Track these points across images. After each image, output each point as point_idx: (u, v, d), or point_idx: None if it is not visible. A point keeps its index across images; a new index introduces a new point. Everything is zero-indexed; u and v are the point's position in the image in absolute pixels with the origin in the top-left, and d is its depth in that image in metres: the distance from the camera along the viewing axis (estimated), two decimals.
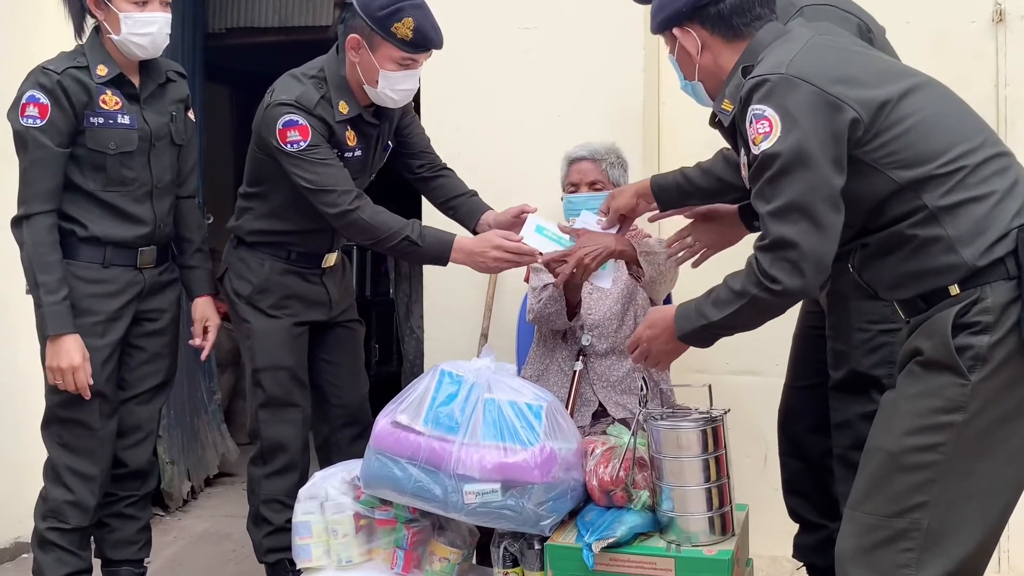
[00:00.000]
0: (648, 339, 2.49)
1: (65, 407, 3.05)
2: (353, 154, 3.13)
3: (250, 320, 3.22)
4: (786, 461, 3.08)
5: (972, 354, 2.03)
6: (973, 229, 2.06)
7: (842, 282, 2.72)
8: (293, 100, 3.01)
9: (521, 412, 2.72)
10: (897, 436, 2.10)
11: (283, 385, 3.21)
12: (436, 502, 2.71)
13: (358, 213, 3.00)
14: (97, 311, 3.04)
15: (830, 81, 2.10)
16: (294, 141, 2.98)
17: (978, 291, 2.05)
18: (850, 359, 2.75)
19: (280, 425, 3.23)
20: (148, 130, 3.10)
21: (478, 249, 3.02)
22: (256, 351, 3.22)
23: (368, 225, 3.01)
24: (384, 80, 3.01)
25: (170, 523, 4.48)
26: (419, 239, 3.02)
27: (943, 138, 2.11)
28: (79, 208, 3.04)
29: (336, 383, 3.37)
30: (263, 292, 3.21)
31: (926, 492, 2.06)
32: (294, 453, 3.24)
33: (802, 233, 2.08)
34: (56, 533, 3.09)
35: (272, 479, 3.24)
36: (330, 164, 3.02)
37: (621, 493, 2.70)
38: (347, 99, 3.08)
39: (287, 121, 2.99)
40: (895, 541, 2.08)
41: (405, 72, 3.02)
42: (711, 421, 2.64)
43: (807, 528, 3.07)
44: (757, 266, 2.15)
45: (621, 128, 3.56)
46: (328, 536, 2.88)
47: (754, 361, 3.67)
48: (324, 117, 3.04)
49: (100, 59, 3.03)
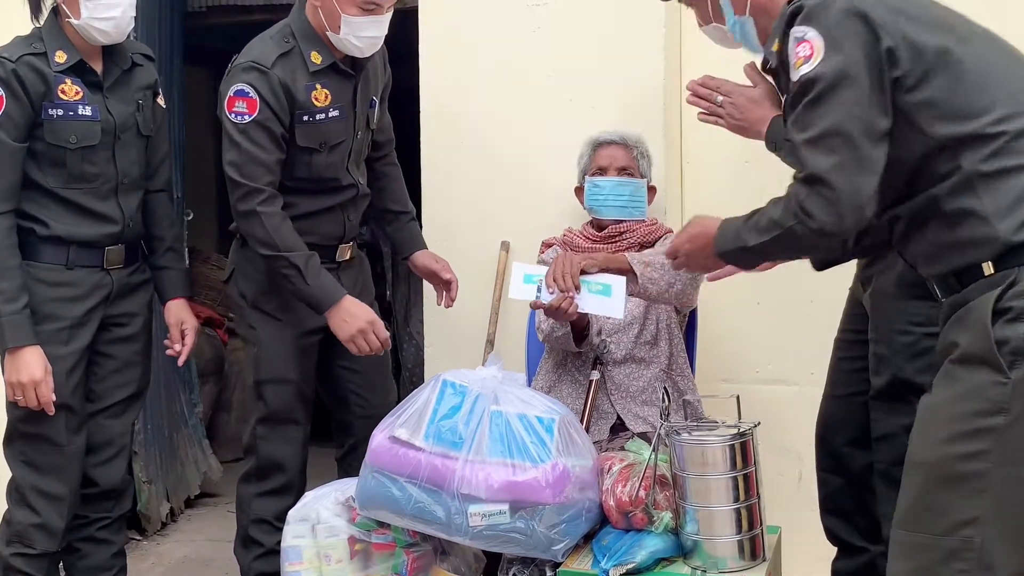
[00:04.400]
0: (687, 252, 2.55)
1: (28, 422, 3.04)
2: (327, 115, 3.14)
3: (256, 327, 3.24)
4: (824, 478, 3.07)
5: (1011, 348, 2.00)
6: (1013, 201, 2.04)
7: (885, 280, 2.72)
8: (250, 61, 3.07)
9: (531, 426, 2.71)
10: (937, 445, 2.08)
11: (286, 400, 3.23)
12: (438, 524, 2.71)
13: (261, 217, 3.05)
14: (60, 316, 3.04)
15: (886, 10, 2.11)
16: (239, 112, 3.04)
17: (1014, 272, 2.03)
18: (892, 364, 2.74)
19: (279, 442, 3.24)
20: (112, 121, 3.09)
21: (353, 311, 3.08)
22: (261, 362, 3.24)
23: (265, 234, 3.05)
24: (347, 26, 3.05)
25: (147, 548, 4.47)
26: (307, 275, 3.05)
27: (993, 94, 2.10)
28: (38, 206, 3.03)
29: (360, 392, 3.37)
30: (268, 293, 3.22)
31: (976, 506, 2.03)
32: (291, 474, 3.25)
33: (839, 167, 2.08)
34: (22, 559, 3.08)
35: (264, 499, 3.25)
36: (262, 149, 3.05)
37: (641, 515, 2.69)
38: (318, 48, 3.13)
39: (238, 90, 3.05)
40: (948, 562, 2.05)
41: (368, 17, 3.06)
42: (740, 435, 2.63)
43: (847, 552, 3.06)
44: (795, 198, 2.16)
45: (640, 113, 3.55)
46: (320, 562, 2.88)
47: (787, 369, 3.65)
48: (283, 79, 3.06)
49: (58, 45, 3.02)
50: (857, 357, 2.91)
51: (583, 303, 2.99)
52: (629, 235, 3.28)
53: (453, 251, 3.71)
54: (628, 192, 3.30)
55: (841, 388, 3.01)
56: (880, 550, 2.91)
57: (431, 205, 3.79)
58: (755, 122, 2.78)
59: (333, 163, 3.20)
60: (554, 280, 3.00)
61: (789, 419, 3.52)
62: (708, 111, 2.86)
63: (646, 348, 3.22)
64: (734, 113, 2.81)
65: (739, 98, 2.81)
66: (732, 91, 2.82)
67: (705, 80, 2.87)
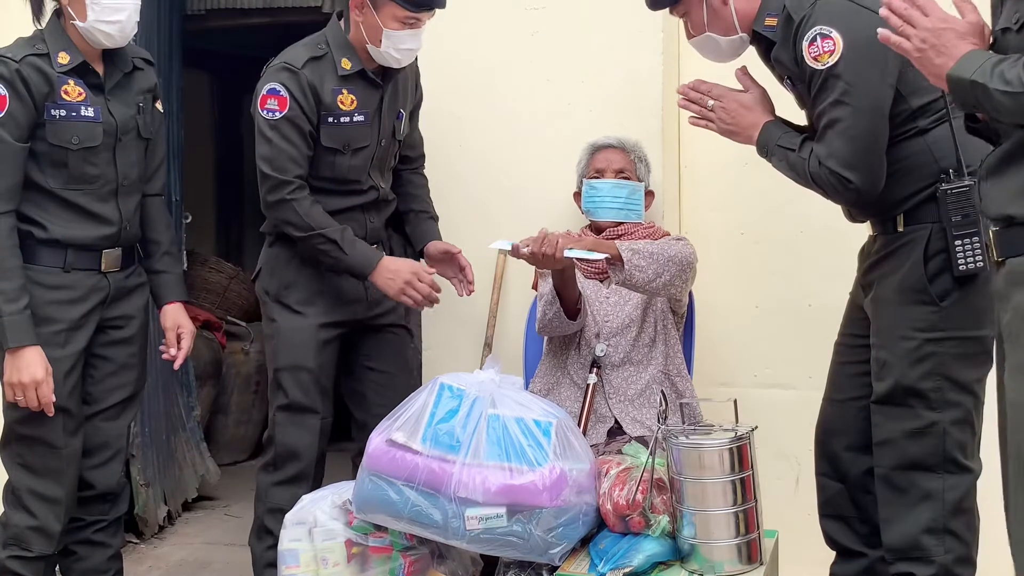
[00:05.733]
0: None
1: (25, 424, 3.04)
2: (352, 119, 3.24)
3: (276, 319, 3.31)
4: (823, 482, 3.06)
5: None
6: None
7: (887, 286, 2.72)
8: (282, 63, 3.21)
9: (528, 429, 2.71)
10: None
11: (304, 388, 3.27)
12: (435, 528, 2.71)
13: (293, 204, 3.19)
14: (58, 319, 3.04)
15: None
16: (271, 109, 3.18)
17: None
18: (894, 370, 2.73)
19: (297, 431, 3.28)
20: (113, 123, 3.10)
21: (394, 268, 3.21)
22: (279, 350, 3.30)
23: (298, 218, 3.19)
24: (387, 40, 3.15)
25: (144, 551, 4.46)
26: (344, 246, 3.20)
27: None
28: (37, 208, 3.03)
29: (382, 391, 3.40)
30: (290, 287, 3.30)
31: None
32: (307, 463, 3.29)
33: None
34: (18, 562, 3.08)
35: (281, 487, 3.28)
36: (292, 144, 3.18)
37: (638, 518, 2.69)
38: (349, 56, 3.24)
39: (270, 89, 3.19)
40: None
41: (408, 31, 3.16)
42: (737, 439, 2.63)
43: (845, 556, 3.05)
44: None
45: (638, 118, 3.55)
46: (317, 565, 2.87)
47: (784, 373, 3.65)
48: (312, 80, 3.18)
49: (61, 46, 3.03)
50: (858, 362, 2.91)
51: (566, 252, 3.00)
52: (627, 237, 3.28)
53: None
54: (625, 194, 3.31)
55: (841, 392, 3.01)
56: (878, 555, 2.92)
57: None
58: (746, 127, 2.81)
59: (356, 166, 3.28)
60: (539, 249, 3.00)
61: (787, 423, 3.52)
62: (699, 115, 2.87)
63: (644, 350, 3.23)
64: (725, 117, 2.84)
65: (730, 103, 2.83)
66: (723, 95, 2.84)
67: (696, 84, 2.88)
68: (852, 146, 2.62)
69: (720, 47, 2.87)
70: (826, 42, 2.61)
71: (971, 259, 2.60)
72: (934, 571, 2.70)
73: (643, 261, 3.06)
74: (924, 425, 2.69)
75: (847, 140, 2.62)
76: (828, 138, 2.66)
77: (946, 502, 2.71)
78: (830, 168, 2.64)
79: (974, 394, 2.72)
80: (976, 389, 2.73)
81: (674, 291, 3.17)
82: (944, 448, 2.69)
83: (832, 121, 2.64)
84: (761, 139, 2.80)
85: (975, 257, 2.60)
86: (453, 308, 3.67)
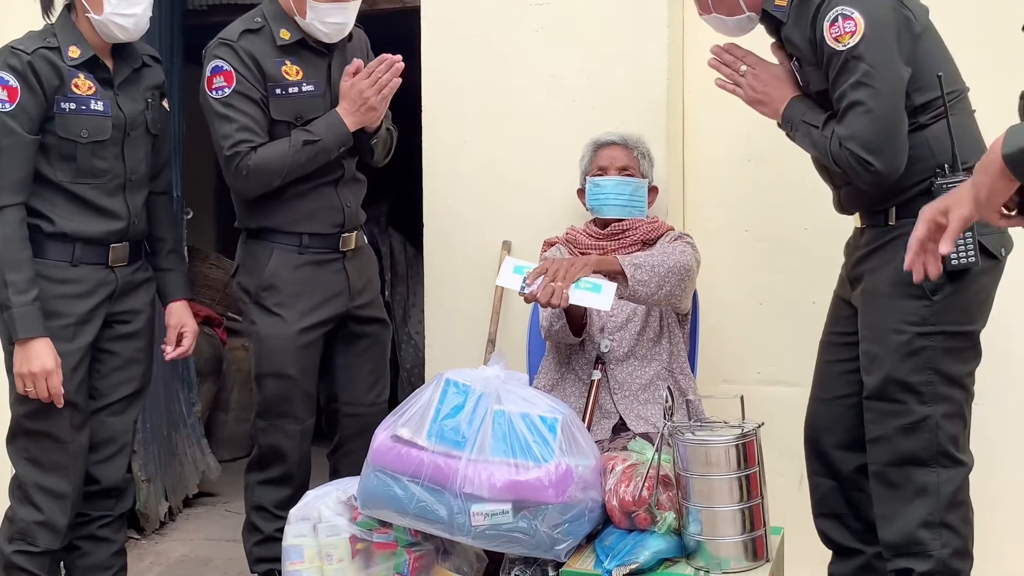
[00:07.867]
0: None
1: (33, 418, 3.05)
2: (301, 89, 3.21)
3: (256, 321, 3.29)
4: (815, 481, 3.07)
5: None
6: None
7: (878, 279, 2.73)
8: (217, 39, 3.18)
9: (534, 425, 2.71)
10: None
11: (283, 395, 3.27)
12: (440, 524, 2.70)
13: (256, 162, 3.14)
14: (66, 313, 3.04)
15: None
16: (219, 88, 3.17)
17: None
18: (885, 363, 2.74)
19: (276, 435, 3.29)
20: (123, 118, 3.11)
21: (351, 96, 3.17)
22: (260, 355, 3.29)
23: (268, 165, 3.15)
24: (312, 11, 3.16)
25: (146, 547, 4.47)
26: (316, 135, 3.16)
27: None
28: (45, 201, 3.04)
29: (350, 389, 3.41)
30: (269, 288, 3.26)
31: None
32: (290, 465, 3.30)
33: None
34: (24, 557, 3.09)
35: (264, 487, 3.31)
36: (247, 115, 3.15)
37: (644, 515, 2.69)
38: (287, 27, 3.22)
39: (214, 67, 3.18)
40: None
41: (334, 4, 3.15)
42: (743, 436, 2.63)
43: (841, 554, 3.06)
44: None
45: (642, 115, 3.55)
46: (322, 561, 2.87)
47: (790, 370, 3.64)
48: (250, 50, 3.16)
49: (72, 40, 3.04)
50: (844, 360, 2.92)
51: (572, 295, 2.98)
52: (632, 232, 3.28)
53: (454, 251, 3.72)
54: (629, 191, 3.31)
55: (828, 391, 3.01)
56: (874, 552, 2.93)
57: (433, 205, 3.79)
58: (776, 99, 2.83)
59: None
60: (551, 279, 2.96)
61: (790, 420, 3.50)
62: (729, 78, 2.88)
63: (648, 345, 3.23)
64: (756, 85, 2.85)
65: (763, 72, 2.85)
66: (757, 63, 2.86)
67: (731, 47, 2.90)
68: (874, 127, 2.62)
69: (727, 25, 2.89)
70: (847, 23, 2.61)
71: (963, 254, 2.61)
72: (932, 565, 2.70)
73: (646, 275, 3.05)
74: (916, 420, 2.70)
75: (869, 121, 2.62)
76: (849, 119, 2.65)
77: (941, 496, 2.71)
78: (851, 150, 2.64)
79: (965, 388, 2.74)
80: (967, 383, 2.74)
81: (675, 301, 3.17)
82: (937, 442, 2.70)
83: (853, 103, 2.63)
84: (787, 113, 2.81)
85: (967, 252, 2.61)
86: (456, 305, 3.67)
